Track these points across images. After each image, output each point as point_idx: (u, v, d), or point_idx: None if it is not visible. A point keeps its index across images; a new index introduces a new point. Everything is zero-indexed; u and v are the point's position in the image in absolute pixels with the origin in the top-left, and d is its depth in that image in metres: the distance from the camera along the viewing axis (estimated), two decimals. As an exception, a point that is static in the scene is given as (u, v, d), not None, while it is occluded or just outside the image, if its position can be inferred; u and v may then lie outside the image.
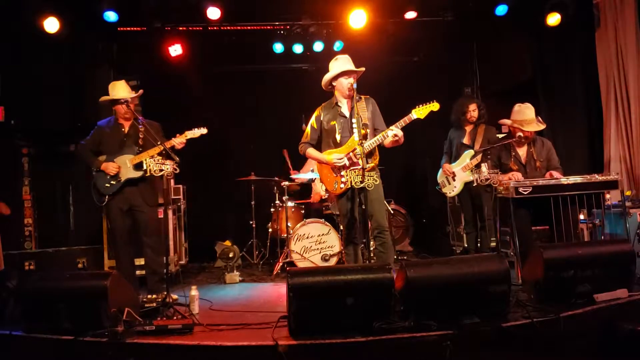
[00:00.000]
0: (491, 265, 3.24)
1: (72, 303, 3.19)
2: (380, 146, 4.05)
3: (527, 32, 6.24)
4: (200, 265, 6.42)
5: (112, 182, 4.28)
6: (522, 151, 4.57)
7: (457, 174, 5.21)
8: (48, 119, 5.96)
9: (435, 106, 3.94)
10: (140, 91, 4.53)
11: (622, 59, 5.39)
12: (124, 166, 4.30)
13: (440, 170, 5.43)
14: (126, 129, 4.39)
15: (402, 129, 3.89)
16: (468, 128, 5.27)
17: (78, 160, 4.43)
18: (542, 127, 4.48)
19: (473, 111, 5.20)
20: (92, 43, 6.12)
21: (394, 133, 3.86)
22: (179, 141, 4.34)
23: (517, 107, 4.53)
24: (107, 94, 4.43)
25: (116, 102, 4.36)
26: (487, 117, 5.28)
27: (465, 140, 5.22)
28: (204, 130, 4.48)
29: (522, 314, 3.22)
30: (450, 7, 6.23)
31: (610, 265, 3.51)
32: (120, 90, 4.41)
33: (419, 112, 3.92)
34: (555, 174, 4.33)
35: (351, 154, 3.99)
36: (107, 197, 4.28)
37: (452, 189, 5.26)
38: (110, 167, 4.27)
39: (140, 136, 4.23)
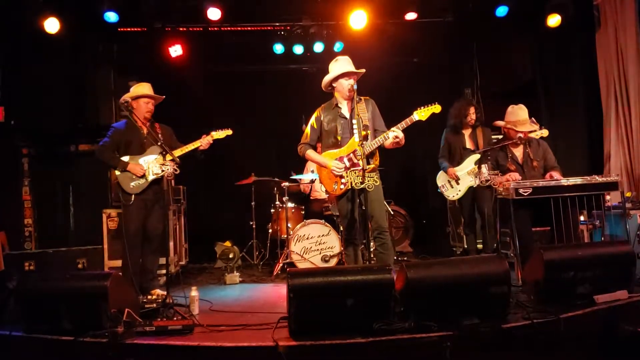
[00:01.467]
0: (491, 266, 3.24)
1: (72, 303, 3.18)
2: (381, 147, 4.05)
3: (528, 33, 6.25)
4: (201, 266, 6.41)
5: (139, 181, 4.36)
6: (518, 152, 4.57)
7: (462, 178, 5.20)
8: (48, 119, 5.96)
9: (437, 108, 3.95)
10: (163, 96, 4.56)
11: (622, 60, 5.40)
12: (148, 167, 4.38)
13: (440, 173, 5.40)
14: (145, 131, 4.41)
15: (403, 130, 3.89)
16: (467, 131, 5.27)
17: (100, 161, 4.47)
18: (536, 127, 4.50)
19: (472, 114, 5.21)
20: (93, 44, 6.13)
21: (394, 134, 3.85)
22: (206, 142, 4.48)
23: (511, 108, 4.55)
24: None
25: (138, 98, 4.40)
26: (483, 119, 5.30)
27: (469, 145, 5.21)
28: (229, 131, 4.63)
29: (522, 315, 3.22)
30: (451, 8, 6.24)
31: (610, 267, 3.50)
32: (145, 88, 4.48)
33: (421, 114, 3.93)
34: (556, 174, 4.33)
35: (352, 154, 3.99)
36: (133, 196, 4.35)
37: (456, 192, 5.23)
38: (137, 169, 4.35)
39: (161, 137, 4.29)
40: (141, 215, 4.39)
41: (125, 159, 4.40)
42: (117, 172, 4.38)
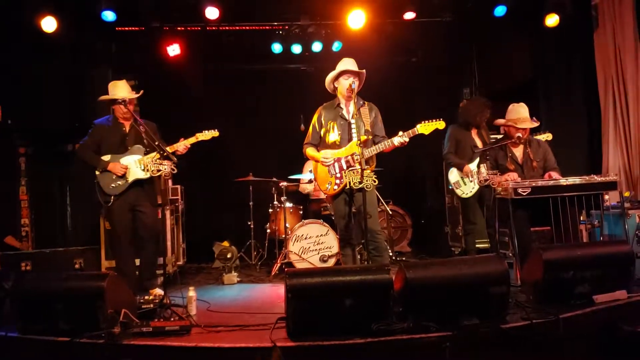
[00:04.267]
0: (490, 266, 3.23)
1: (68, 304, 3.16)
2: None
3: (526, 33, 6.25)
4: (198, 265, 6.40)
5: (118, 182, 4.24)
6: (518, 152, 4.57)
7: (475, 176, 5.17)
8: (46, 118, 5.94)
9: (440, 124, 3.97)
10: (141, 92, 4.49)
11: (620, 60, 5.39)
12: (131, 166, 4.27)
13: (452, 170, 5.31)
14: (127, 129, 4.35)
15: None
16: (474, 130, 5.25)
17: (80, 161, 4.37)
18: (536, 124, 4.49)
19: (486, 117, 5.20)
20: (91, 43, 6.10)
21: (400, 140, 3.86)
22: (182, 146, 4.35)
23: (511, 106, 4.55)
24: (106, 94, 4.39)
25: (115, 101, 4.30)
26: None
27: (479, 144, 5.16)
28: (215, 133, 4.52)
29: (521, 315, 3.21)
30: (449, 8, 6.24)
31: (609, 267, 3.50)
32: (120, 90, 4.35)
33: (424, 128, 3.94)
34: (554, 174, 4.32)
35: (350, 157, 3.99)
36: (112, 197, 4.24)
37: (470, 190, 5.16)
38: (118, 168, 4.23)
39: (144, 137, 4.17)
40: (126, 217, 4.28)
41: (106, 158, 4.28)
42: (97, 172, 4.25)
